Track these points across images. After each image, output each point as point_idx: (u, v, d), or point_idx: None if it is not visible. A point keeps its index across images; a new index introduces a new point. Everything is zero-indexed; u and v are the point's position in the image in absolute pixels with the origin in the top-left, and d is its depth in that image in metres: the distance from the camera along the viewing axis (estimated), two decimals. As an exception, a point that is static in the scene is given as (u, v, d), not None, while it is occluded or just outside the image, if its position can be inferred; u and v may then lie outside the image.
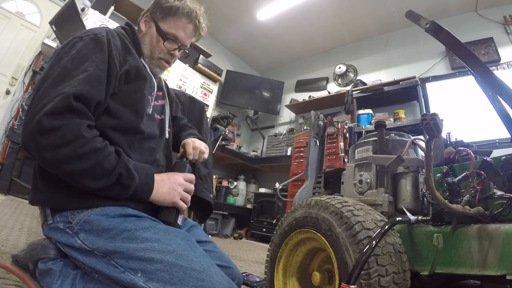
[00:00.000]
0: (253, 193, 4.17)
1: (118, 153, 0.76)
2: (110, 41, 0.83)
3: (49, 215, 0.79)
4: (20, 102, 2.74)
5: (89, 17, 3.04)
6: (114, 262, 0.69)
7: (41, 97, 0.70)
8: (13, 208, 1.94)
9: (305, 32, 4.41)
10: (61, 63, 0.76)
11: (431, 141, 0.68)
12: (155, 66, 1.00)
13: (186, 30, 1.01)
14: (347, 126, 3.34)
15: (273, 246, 0.98)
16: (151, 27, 0.99)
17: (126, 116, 0.84)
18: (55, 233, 0.78)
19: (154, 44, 0.98)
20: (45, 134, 0.65)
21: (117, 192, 0.74)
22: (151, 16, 1.00)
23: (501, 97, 0.81)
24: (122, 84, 0.85)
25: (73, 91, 0.69)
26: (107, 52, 0.80)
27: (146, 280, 0.65)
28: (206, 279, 0.65)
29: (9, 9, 2.91)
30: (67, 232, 0.75)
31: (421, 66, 3.58)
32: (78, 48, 0.78)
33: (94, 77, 0.75)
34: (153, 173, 0.82)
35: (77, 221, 0.74)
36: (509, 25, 3.11)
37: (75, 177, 0.69)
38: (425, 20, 0.87)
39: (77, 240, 0.73)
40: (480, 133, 2.65)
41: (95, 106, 0.75)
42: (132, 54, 0.91)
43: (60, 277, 0.75)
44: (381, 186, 1.02)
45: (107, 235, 0.71)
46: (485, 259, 0.64)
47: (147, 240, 0.70)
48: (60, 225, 0.76)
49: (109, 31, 0.87)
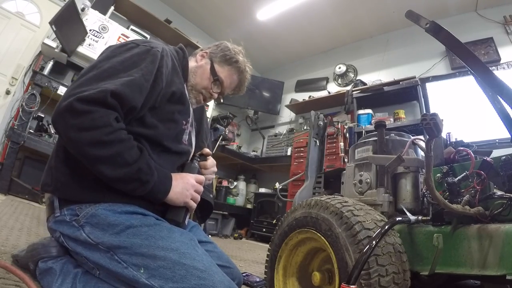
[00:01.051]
0: (253, 193, 4.17)
1: (141, 150, 0.78)
2: (164, 58, 0.87)
3: (57, 208, 0.79)
4: (20, 102, 2.74)
5: (89, 17, 3.04)
6: (117, 258, 0.69)
7: (82, 83, 0.73)
8: (13, 208, 1.94)
9: (305, 32, 4.41)
10: (112, 60, 0.79)
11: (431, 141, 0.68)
12: (193, 97, 1.05)
13: (232, 83, 1.10)
14: (347, 126, 3.34)
15: (273, 246, 0.98)
16: (207, 63, 1.06)
17: (159, 130, 0.87)
18: (60, 226, 0.78)
19: (203, 78, 1.04)
20: (76, 115, 0.68)
21: (134, 187, 0.75)
22: (209, 54, 1.08)
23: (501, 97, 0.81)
24: (164, 102, 0.88)
25: (113, 88, 0.71)
26: (157, 67, 0.84)
27: (148, 277, 0.66)
28: (208, 278, 0.66)
29: (9, 9, 2.91)
30: (73, 225, 0.75)
31: (421, 66, 3.58)
32: (132, 53, 0.82)
33: (137, 83, 0.77)
34: (171, 176, 0.84)
35: (84, 214, 0.75)
36: (509, 25, 3.11)
37: (95, 163, 0.70)
38: (425, 20, 0.87)
39: (82, 233, 0.74)
40: (480, 133, 2.65)
41: (128, 109, 0.77)
42: (179, 78, 0.95)
43: (60, 276, 0.75)
44: (381, 186, 1.02)
45: (113, 230, 0.72)
46: (485, 259, 0.64)
47: (152, 237, 0.71)
48: (67, 217, 0.77)
49: (165, 49, 0.91)
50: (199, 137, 1.19)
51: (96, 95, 0.69)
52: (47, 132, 2.89)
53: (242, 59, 1.10)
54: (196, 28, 4.68)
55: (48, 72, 2.86)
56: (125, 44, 0.86)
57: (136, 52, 0.83)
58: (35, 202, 2.48)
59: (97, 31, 3.11)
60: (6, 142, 2.67)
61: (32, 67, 2.95)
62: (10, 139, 2.54)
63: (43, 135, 2.81)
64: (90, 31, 3.03)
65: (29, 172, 2.87)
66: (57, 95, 2.78)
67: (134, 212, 0.78)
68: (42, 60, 3.00)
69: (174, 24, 4.05)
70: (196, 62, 1.07)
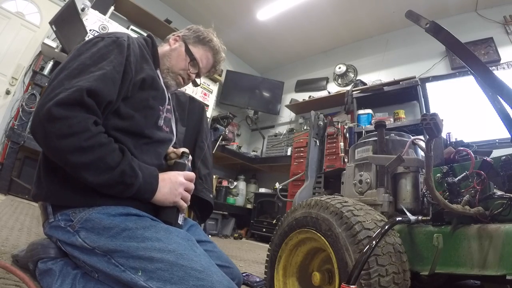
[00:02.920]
0: (253, 193, 4.17)
1: (123, 151, 0.77)
2: (130, 46, 0.86)
3: (51, 213, 0.79)
4: (20, 102, 2.74)
5: (89, 17, 3.04)
6: (114, 261, 0.69)
7: (55, 86, 0.71)
8: (13, 208, 1.94)
9: (305, 32, 4.40)
10: (80, 58, 0.78)
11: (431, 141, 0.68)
12: (172, 79, 1.04)
13: (208, 63, 1.11)
14: (347, 126, 3.33)
15: (273, 246, 0.98)
16: (180, 46, 1.06)
17: (136, 120, 0.86)
18: (56, 232, 0.78)
19: (179, 60, 1.04)
20: (53, 122, 0.66)
21: (119, 190, 0.75)
22: (182, 37, 1.08)
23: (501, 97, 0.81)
24: (136, 90, 0.87)
25: (87, 86, 0.70)
26: (126, 56, 0.83)
27: (146, 279, 0.65)
28: (206, 279, 0.65)
29: (9, 9, 2.91)
30: (68, 230, 0.75)
31: (421, 66, 3.58)
32: (99, 47, 0.82)
33: (109, 76, 0.77)
34: (157, 174, 0.82)
35: (79, 219, 0.74)
36: (509, 25, 3.11)
37: (77, 170, 0.69)
38: (425, 20, 0.87)
39: (78, 239, 0.73)
40: (480, 133, 2.65)
41: (106, 105, 0.76)
42: (149, 64, 0.95)
43: (60, 277, 0.75)
44: (381, 186, 1.02)
45: (108, 234, 0.72)
46: (485, 259, 0.64)
47: (148, 239, 0.71)
48: (61, 223, 0.76)
49: (130, 37, 0.91)
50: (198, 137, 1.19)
51: (72, 96, 0.68)
52: (47, 132, 2.88)
53: (216, 39, 1.11)
54: (196, 28, 4.67)
55: (48, 72, 2.86)
56: (90, 40, 0.85)
57: (102, 45, 0.82)
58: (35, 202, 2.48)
59: (97, 31, 3.11)
60: (6, 142, 2.67)
61: (32, 67, 2.95)
62: (10, 139, 2.54)
63: (43, 135, 2.81)
64: (90, 31, 3.03)
65: (29, 172, 2.87)
66: (57, 95, 2.77)
67: (128, 213, 0.77)
68: (42, 60, 3.00)
69: (174, 24, 4.04)
70: (169, 45, 1.07)
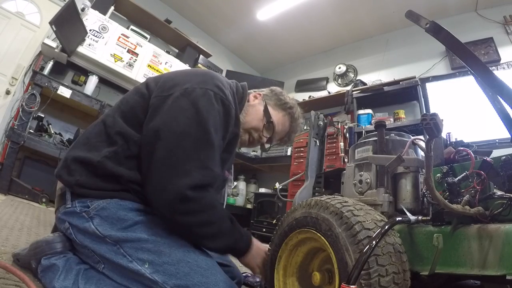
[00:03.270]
0: (253, 193, 4.17)
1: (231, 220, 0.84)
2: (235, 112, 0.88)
3: (69, 200, 0.80)
4: (20, 102, 2.74)
5: (89, 17, 3.04)
6: (123, 251, 0.70)
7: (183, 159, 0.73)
8: (13, 208, 1.94)
9: (305, 32, 4.41)
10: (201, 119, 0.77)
11: (431, 141, 0.68)
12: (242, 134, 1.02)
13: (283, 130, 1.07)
14: (347, 126, 3.33)
15: (273, 246, 0.98)
16: (259, 104, 1.03)
17: None
18: (70, 216, 0.79)
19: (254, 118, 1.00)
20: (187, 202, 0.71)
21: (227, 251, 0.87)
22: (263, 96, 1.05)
23: (501, 97, 0.81)
24: None
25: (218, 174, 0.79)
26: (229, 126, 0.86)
27: (152, 272, 0.66)
28: (210, 277, 0.66)
29: (9, 9, 2.92)
30: (83, 216, 0.76)
31: (421, 66, 3.58)
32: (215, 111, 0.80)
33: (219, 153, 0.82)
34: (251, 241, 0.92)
35: (95, 207, 0.76)
36: (509, 25, 3.11)
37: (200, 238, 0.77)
38: (425, 20, 0.87)
39: (91, 225, 0.75)
40: (480, 133, 2.65)
41: None
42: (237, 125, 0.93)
43: (63, 272, 0.75)
44: (381, 186, 1.02)
45: (121, 225, 0.73)
46: (485, 259, 0.64)
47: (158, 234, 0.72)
48: (77, 209, 0.78)
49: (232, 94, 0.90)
50: None
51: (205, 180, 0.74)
52: (47, 132, 2.89)
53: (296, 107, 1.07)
54: (196, 28, 4.68)
55: (48, 72, 2.87)
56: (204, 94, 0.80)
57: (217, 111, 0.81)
58: (35, 202, 2.48)
59: (97, 31, 3.11)
60: (6, 142, 2.67)
61: (32, 67, 2.95)
62: (10, 139, 2.54)
63: (43, 135, 2.81)
64: (90, 31, 3.04)
65: (29, 172, 2.87)
66: (57, 95, 2.78)
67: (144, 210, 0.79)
68: (42, 60, 3.00)
69: (174, 24, 4.04)
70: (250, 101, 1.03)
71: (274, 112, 1.02)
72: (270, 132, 1.02)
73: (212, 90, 0.81)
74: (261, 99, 1.02)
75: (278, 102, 1.03)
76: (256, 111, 1.00)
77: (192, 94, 0.78)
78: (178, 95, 0.78)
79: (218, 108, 0.80)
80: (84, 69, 3.24)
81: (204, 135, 0.75)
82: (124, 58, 3.32)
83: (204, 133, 0.75)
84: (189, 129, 0.74)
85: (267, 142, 1.06)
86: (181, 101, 0.78)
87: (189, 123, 0.75)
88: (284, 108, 1.03)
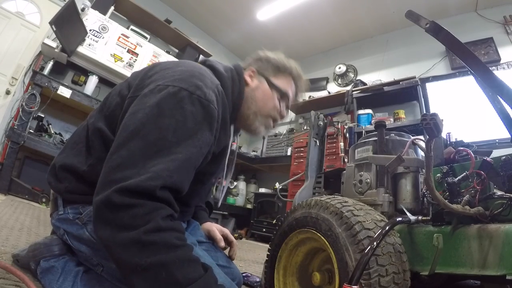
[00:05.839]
0: (253, 193, 4.17)
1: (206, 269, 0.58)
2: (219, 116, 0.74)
3: (61, 206, 0.79)
4: (20, 102, 2.74)
5: (89, 17, 3.04)
6: None
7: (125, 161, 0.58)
8: (13, 208, 1.94)
9: (305, 32, 4.41)
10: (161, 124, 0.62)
11: (431, 141, 0.68)
12: (261, 124, 0.92)
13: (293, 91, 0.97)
14: (347, 126, 3.34)
15: (273, 246, 0.98)
16: (261, 82, 0.92)
17: None
18: (64, 223, 0.78)
19: (266, 100, 0.90)
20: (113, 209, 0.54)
21: None
22: (258, 71, 0.93)
23: (501, 97, 0.81)
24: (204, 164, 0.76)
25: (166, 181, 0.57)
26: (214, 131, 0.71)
27: None
28: None
29: (9, 9, 2.92)
30: (77, 223, 0.75)
31: (421, 66, 3.58)
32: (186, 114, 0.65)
33: (193, 164, 0.65)
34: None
35: (87, 213, 0.75)
36: (509, 25, 3.11)
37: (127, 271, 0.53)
38: (425, 20, 0.87)
39: (85, 232, 0.74)
40: (480, 133, 2.65)
41: None
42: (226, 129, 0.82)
43: (62, 274, 0.75)
44: (381, 186, 1.02)
45: None
46: (485, 259, 0.64)
47: None
48: (70, 216, 0.77)
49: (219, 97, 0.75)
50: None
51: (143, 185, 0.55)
52: (47, 132, 2.89)
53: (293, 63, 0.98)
54: (196, 28, 4.68)
55: (48, 72, 2.87)
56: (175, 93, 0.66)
57: (190, 112, 0.65)
58: (35, 202, 2.48)
59: (97, 31, 3.11)
60: (6, 142, 2.67)
61: (32, 67, 2.96)
62: (10, 139, 2.54)
63: (43, 135, 2.81)
64: (90, 31, 3.04)
65: (29, 172, 2.87)
66: (57, 95, 2.78)
67: None
68: (42, 60, 3.00)
69: (174, 24, 4.04)
70: (247, 84, 0.91)
71: (279, 81, 0.93)
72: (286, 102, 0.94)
73: (187, 90, 0.67)
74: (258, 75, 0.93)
75: (276, 69, 0.94)
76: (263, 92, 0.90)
77: (161, 92, 0.66)
78: (147, 92, 0.68)
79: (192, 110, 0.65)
80: (84, 69, 3.24)
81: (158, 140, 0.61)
82: (124, 58, 3.33)
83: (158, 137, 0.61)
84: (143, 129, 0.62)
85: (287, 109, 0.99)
86: (147, 99, 0.67)
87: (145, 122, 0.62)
88: (283, 71, 0.94)
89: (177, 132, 0.63)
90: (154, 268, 0.51)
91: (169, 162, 0.59)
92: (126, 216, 0.53)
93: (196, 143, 0.65)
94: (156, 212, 0.55)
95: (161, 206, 0.56)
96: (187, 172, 0.63)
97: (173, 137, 0.62)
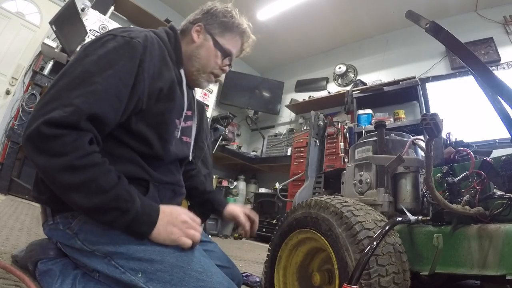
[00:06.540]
0: (253, 193, 4.17)
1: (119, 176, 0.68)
2: (147, 49, 0.75)
3: (50, 216, 0.78)
4: (20, 102, 2.74)
5: (89, 17, 3.04)
6: (114, 263, 0.68)
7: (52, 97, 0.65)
8: (13, 208, 1.94)
9: (305, 32, 4.41)
10: (85, 61, 0.69)
11: (431, 141, 0.68)
12: (204, 80, 0.96)
13: (237, 49, 1.01)
14: (347, 126, 3.34)
15: (273, 246, 0.98)
16: (206, 40, 0.94)
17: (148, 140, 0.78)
18: (55, 233, 0.78)
19: (210, 58, 0.94)
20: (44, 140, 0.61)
21: (112, 217, 0.65)
22: (205, 28, 0.94)
23: (501, 97, 0.81)
24: (152, 102, 0.77)
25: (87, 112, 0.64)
26: (139, 62, 0.73)
27: (146, 281, 0.65)
28: (207, 280, 0.65)
29: (9, 9, 2.91)
30: (67, 232, 0.74)
31: (421, 66, 3.58)
32: (108, 48, 0.71)
33: (114, 92, 0.68)
34: (158, 208, 0.71)
35: (77, 222, 0.74)
36: (509, 25, 3.11)
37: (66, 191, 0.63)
38: (425, 20, 0.87)
39: (77, 241, 0.73)
40: (480, 133, 2.65)
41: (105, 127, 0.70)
42: (169, 68, 0.84)
43: (60, 277, 0.75)
44: (381, 186, 1.02)
45: (107, 236, 0.71)
46: (485, 259, 0.64)
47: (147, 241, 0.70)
48: (60, 226, 0.76)
49: (149, 37, 0.79)
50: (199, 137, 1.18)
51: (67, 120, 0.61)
52: (47, 132, 2.88)
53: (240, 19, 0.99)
54: (196, 28, 4.68)
55: (48, 72, 2.87)
56: (100, 38, 0.74)
57: (112, 47, 0.71)
58: (35, 202, 2.48)
59: (97, 31, 3.11)
60: (6, 142, 2.67)
61: (32, 67, 2.95)
62: (10, 139, 2.54)
63: (43, 135, 2.81)
64: (90, 31, 3.04)
65: (29, 172, 2.87)
66: (57, 95, 2.78)
67: None
68: (42, 60, 3.00)
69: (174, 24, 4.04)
70: (193, 41, 0.94)
71: (224, 40, 0.95)
72: (229, 59, 0.98)
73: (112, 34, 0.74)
74: (205, 32, 0.94)
75: (222, 26, 0.95)
76: (207, 50, 0.93)
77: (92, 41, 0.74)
78: None
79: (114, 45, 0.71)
80: (84, 69, 3.23)
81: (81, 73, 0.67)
82: (124, 58, 3.32)
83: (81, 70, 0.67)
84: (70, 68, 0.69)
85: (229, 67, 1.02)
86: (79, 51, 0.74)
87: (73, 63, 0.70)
88: (231, 29, 0.96)
89: (98, 63, 0.68)
90: (86, 183, 0.63)
91: (89, 94, 0.65)
92: (57, 145, 0.61)
93: (116, 73, 0.69)
94: (81, 140, 0.63)
95: (84, 134, 0.64)
96: (109, 102, 0.68)
97: (94, 68, 0.68)
